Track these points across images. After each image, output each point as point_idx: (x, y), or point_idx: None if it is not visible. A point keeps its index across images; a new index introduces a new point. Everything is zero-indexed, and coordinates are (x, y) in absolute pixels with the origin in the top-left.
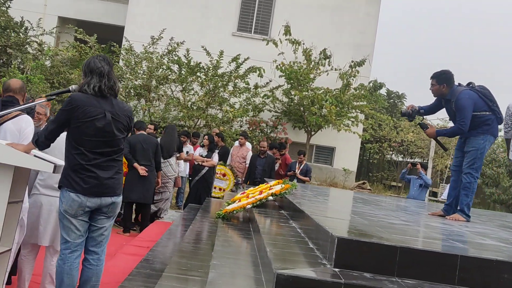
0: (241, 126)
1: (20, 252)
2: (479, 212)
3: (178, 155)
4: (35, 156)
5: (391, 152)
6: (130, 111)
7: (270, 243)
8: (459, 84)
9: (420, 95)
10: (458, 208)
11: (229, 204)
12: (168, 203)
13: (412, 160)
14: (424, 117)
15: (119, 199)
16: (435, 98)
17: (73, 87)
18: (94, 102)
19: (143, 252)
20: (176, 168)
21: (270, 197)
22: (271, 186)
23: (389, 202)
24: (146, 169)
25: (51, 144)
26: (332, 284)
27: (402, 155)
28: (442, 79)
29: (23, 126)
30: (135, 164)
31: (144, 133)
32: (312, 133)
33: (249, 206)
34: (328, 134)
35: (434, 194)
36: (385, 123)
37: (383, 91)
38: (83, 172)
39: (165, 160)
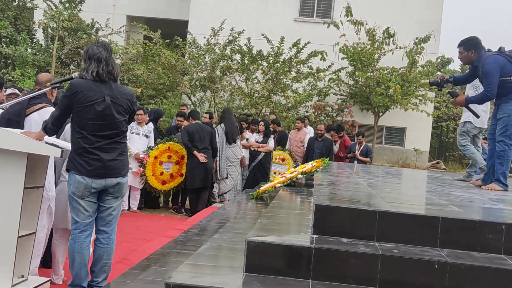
0: (306, 111)
1: (53, 237)
2: None
3: (239, 136)
4: (46, 142)
5: None
6: (131, 94)
7: (267, 215)
8: (488, 50)
9: None
10: (495, 177)
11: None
12: (239, 184)
13: None
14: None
15: (124, 180)
16: (469, 67)
17: (75, 74)
18: (93, 87)
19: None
20: (242, 149)
21: (300, 175)
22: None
23: (440, 177)
24: (205, 156)
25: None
26: (302, 248)
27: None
28: (469, 46)
29: (47, 117)
30: (195, 152)
31: (200, 122)
32: (380, 114)
33: (279, 185)
34: (397, 114)
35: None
36: None
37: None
38: (86, 155)
39: (234, 145)
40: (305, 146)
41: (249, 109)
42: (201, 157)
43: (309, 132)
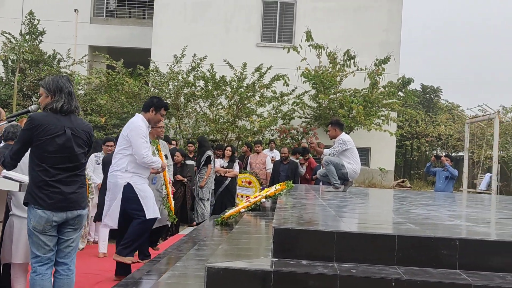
0: (272, 135)
1: (11, 274)
2: (510, 199)
3: None
4: (4, 177)
5: (429, 148)
6: (89, 127)
7: (229, 241)
8: None
9: (456, 86)
10: None
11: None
12: None
13: (455, 154)
14: None
15: (84, 212)
16: None
17: (32, 107)
18: (53, 120)
19: None
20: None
21: (264, 200)
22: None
23: (403, 196)
24: None
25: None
26: (262, 273)
27: (443, 150)
28: None
29: None
30: None
31: None
32: None
33: (243, 210)
34: (361, 135)
35: (474, 186)
36: (421, 118)
37: (417, 86)
38: (47, 188)
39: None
40: (267, 168)
41: (215, 135)
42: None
43: (275, 155)
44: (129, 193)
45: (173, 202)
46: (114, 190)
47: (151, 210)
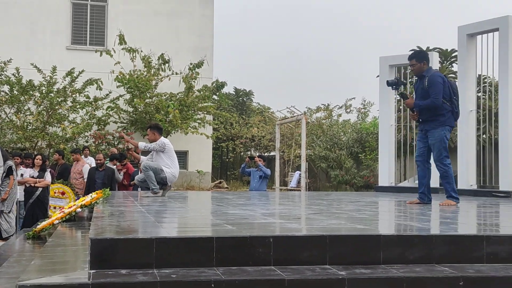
0: (86, 142)
1: None
2: (317, 195)
3: None
4: None
5: (243, 149)
6: None
7: (42, 255)
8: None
9: (267, 90)
10: (447, 195)
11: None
12: None
13: (268, 154)
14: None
15: None
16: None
17: None
18: None
19: None
20: None
21: (79, 209)
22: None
23: (220, 197)
24: None
25: None
26: (79, 286)
27: (257, 150)
28: (421, 57)
29: None
30: None
31: None
32: None
33: (57, 221)
34: (179, 138)
35: (286, 183)
36: (235, 121)
37: (231, 90)
38: None
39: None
40: (84, 177)
41: (23, 143)
42: None
43: (91, 162)
44: None
45: None
46: None
47: None
